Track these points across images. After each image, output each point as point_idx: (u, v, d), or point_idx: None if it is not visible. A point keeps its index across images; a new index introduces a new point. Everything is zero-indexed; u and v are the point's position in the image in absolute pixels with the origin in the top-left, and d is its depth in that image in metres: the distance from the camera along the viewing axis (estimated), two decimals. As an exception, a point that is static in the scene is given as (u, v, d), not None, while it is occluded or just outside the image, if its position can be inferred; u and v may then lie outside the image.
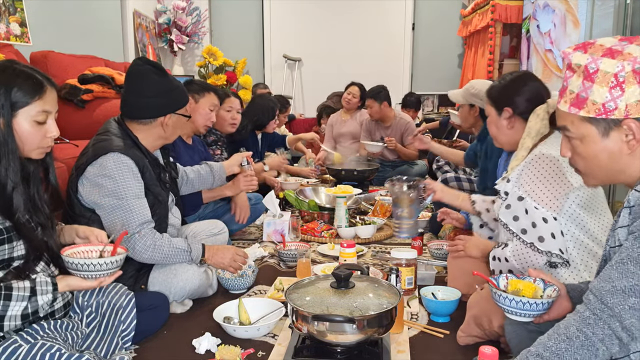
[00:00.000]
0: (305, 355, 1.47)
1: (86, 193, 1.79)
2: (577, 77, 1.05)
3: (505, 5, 4.99)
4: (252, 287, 2.17)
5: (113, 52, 4.63)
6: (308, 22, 6.37)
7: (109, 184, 1.76)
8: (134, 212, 1.78)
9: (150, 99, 1.91)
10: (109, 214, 1.77)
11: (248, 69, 6.31)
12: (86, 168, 1.78)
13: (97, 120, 2.87)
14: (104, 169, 1.77)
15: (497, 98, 1.83)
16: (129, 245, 1.78)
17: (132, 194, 1.79)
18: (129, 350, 1.58)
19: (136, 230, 1.78)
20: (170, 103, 1.95)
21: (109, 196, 1.76)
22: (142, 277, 1.88)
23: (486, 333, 1.59)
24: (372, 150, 4.43)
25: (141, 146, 1.91)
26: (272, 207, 2.81)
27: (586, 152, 1.07)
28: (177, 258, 1.87)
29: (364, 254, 2.62)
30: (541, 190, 1.57)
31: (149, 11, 5.59)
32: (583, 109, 1.03)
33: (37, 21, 3.38)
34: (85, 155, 1.83)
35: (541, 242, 1.53)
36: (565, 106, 1.07)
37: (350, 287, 1.45)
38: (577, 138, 1.07)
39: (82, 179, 1.79)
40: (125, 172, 1.78)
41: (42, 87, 1.33)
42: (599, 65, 1.01)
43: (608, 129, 1.02)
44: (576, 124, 1.06)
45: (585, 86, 1.03)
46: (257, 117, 3.66)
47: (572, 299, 1.23)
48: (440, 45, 6.26)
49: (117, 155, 1.78)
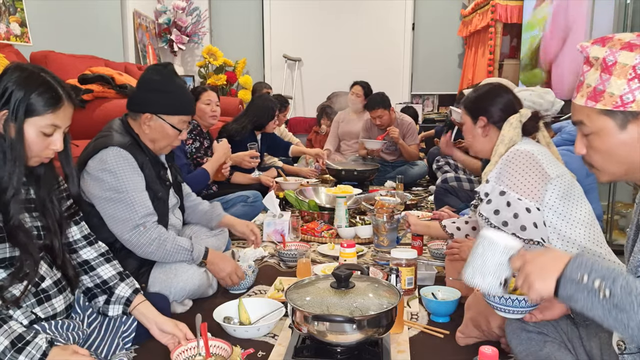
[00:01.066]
0: (305, 355, 1.47)
1: (87, 187, 1.80)
2: (595, 70, 1.04)
3: (505, 5, 4.99)
4: (252, 287, 2.17)
5: (113, 52, 4.63)
6: (308, 22, 6.37)
7: (109, 178, 1.77)
8: (136, 204, 1.78)
9: (143, 92, 1.93)
10: (110, 208, 1.78)
11: (248, 69, 6.31)
12: (87, 162, 1.80)
13: (97, 120, 2.87)
14: (104, 163, 1.77)
15: (473, 107, 1.92)
16: (132, 238, 1.79)
17: (133, 187, 1.79)
18: (129, 350, 1.58)
19: (140, 222, 1.79)
20: (159, 103, 1.90)
21: (110, 190, 1.77)
22: (142, 276, 1.88)
23: (485, 334, 1.59)
24: (372, 147, 4.42)
25: (141, 144, 1.91)
26: (272, 207, 2.81)
27: (603, 146, 1.05)
28: (178, 256, 1.87)
29: (364, 254, 2.62)
30: (522, 182, 1.64)
31: (149, 11, 5.60)
32: (600, 101, 1.02)
33: (37, 21, 3.38)
34: (86, 150, 1.84)
35: (523, 230, 1.58)
36: (581, 100, 1.06)
37: (350, 287, 1.44)
38: (593, 132, 1.06)
39: (83, 173, 1.81)
40: (125, 166, 1.79)
41: (59, 102, 1.31)
42: (617, 58, 1.00)
43: (625, 121, 1.01)
44: (592, 117, 1.05)
45: (603, 79, 1.02)
46: (257, 117, 3.67)
47: None
48: (440, 45, 6.26)
49: (117, 150, 1.79)
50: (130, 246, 1.82)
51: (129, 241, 1.80)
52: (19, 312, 1.30)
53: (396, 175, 3.97)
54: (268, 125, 3.76)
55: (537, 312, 1.22)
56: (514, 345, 1.36)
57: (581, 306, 0.95)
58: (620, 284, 0.91)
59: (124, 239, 1.81)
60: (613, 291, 0.91)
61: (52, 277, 1.39)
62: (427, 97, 6.38)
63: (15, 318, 1.27)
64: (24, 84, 1.27)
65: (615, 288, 0.91)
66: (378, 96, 4.34)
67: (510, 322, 1.37)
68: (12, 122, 1.26)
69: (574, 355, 1.28)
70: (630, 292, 0.90)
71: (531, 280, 1.00)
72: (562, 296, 0.97)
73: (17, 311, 1.30)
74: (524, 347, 1.32)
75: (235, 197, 2.96)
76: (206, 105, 3.18)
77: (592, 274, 0.93)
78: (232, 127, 3.56)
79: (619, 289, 0.90)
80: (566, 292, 0.96)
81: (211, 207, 2.31)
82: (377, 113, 4.29)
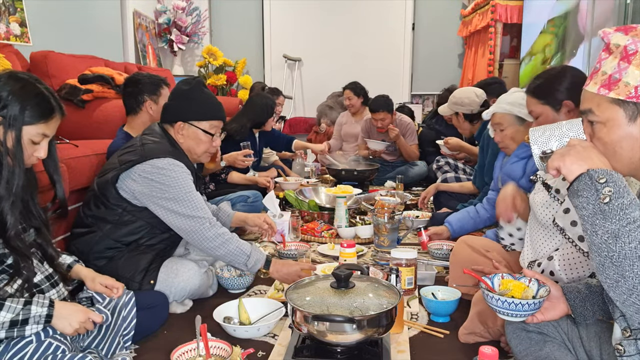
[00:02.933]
0: (305, 355, 1.47)
1: (137, 187, 1.85)
2: (614, 58, 1.01)
3: (505, 5, 4.99)
4: (252, 287, 2.17)
5: (113, 52, 4.63)
6: (308, 22, 6.37)
7: (169, 181, 1.83)
8: (200, 202, 1.86)
9: (174, 102, 2.01)
10: (175, 205, 1.83)
11: (248, 69, 6.31)
12: (134, 165, 1.85)
13: (97, 120, 2.87)
14: (160, 169, 1.84)
15: (553, 93, 1.71)
16: (200, 229, 1.83)
17: (193, 189, 1.88)
18: (129, 349, 1.58)
19: (207, 217, 1.85)
20: (189, 110, 1.98)
21: (174, 189, 1.83)
22: (152, 272, 1.88)
23: (489, 331, 1.58)
24: (374, 147, 4.42)
25: (183, 151, 1.99)
26: (272, 207, 2.81)
27: (609, 136, 1.02)
28: (236, 259, 1.90)
29: (364, 254, 2.62)
30: None
31: (149, 11, 5.59)
32: (613, 90, 0.99)
33: (37, 21, 3.38)
34: (135, 153, 1.88)
35: None
36: (594, 87, 1.03)
37: (350, 287, 1.44)
38: (601, 122, 1.03)
39: (131, 172, 1.85)
40: (180, 171, 1.86)
41: (52, 114, 1.36)
42: (639, 47, 0.98)
43: (636, 113, 0.98)
44: (603, 106, 1.02)
45: (621, 67, 0.99)
46: (256, 115, 3.67)
47: (569, 301, 1.21)
48: (440, 45, 6.25)
49: (171, 160, 1.87)
50: (195, 238, 1.85)
51: (196, 232, 1.84)
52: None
53: (396, 175, 3.97)
54: (267, 123, 3.76)
55: (539, 313, 1.21)
56: (513, 345, 1.36)
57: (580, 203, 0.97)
58: (623, 202, 0.92)
59: (190, 230, 1.84)
60: (613, 202, 0.93)
61: (43, 272, 1.42)
62: (427, 97, 6.37)
63: None
64: (19, 94, 1.30)
65: (615, 200, 0.93)
66: (382, 99, 4.29)
67: (511, 322, 1.36)
68: (9, 130, 1.29)
69: (573, 355, 1.28)
70: (625, 211, 0.92)
71: (567, 161, 1.01)
72: (573, 189, 0.99)
73: None
74: (524, 347, 1.32)
75: (235, 197, 2.96)
76: None
77: (610, 181, 0.94)
78: (231, 127, 3.56)
79: (616, 204, 0.93)
80: (577, 192, 0.98)
81: (220, 208, 2.33)
82: (379, 116, 4.27)
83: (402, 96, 6.33)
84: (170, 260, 1.96)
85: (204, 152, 2.03)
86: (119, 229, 1.88)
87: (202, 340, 1.49)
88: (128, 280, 1.80)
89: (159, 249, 1.95)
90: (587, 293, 1.22)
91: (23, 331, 1.25)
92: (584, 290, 1.23)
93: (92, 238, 1.88)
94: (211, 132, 2.00)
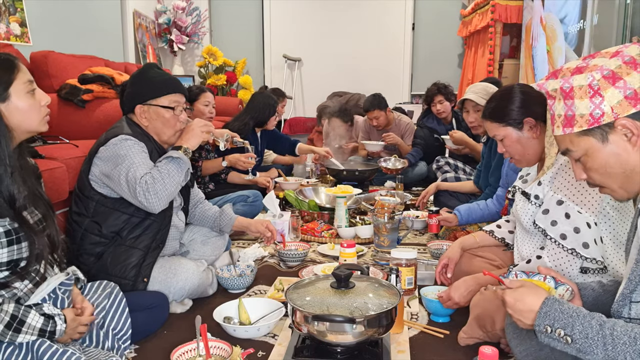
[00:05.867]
0: (305, 355, 1.47)
1: (98, 170, 1.86)
2: (558, 101, 1.12)
3: (505, 5, 4.99)
4: (252, 287, 2.17)
5: (113, 52, 4.63)
6: (308, 22, 6.37)
7: (119, 152, 1.82)
8: (137, 163, 1.80)
9: (128, 90, 2.00)
10: (117, 176, 1.81)
11: (248, 69, 6.31)
12: (98, 149, 1.87)
13: (97, 120, 2.87)
14: (114, 146, 1.84)
15: (509, 114, 1.72)
16: (139, 193, 1.76)
17: (138, 152, 1.84)
18: (128, 350, 1.58)
19: (140, 178, 1.78)
20: (143, 90, 1.96)
21: (117, 158, 1.81)
22: (145, 269, 1.86)
23: (489, 335, 1.58)
24: (372, 149, 4.42)
25: (149, 135, 1.97)
26: (272, 207, 2.81)
27: (595, 162, 1.09)
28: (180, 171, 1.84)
29: (364, 254, 2.62)
30: (581, 193, 1.52)
31: (149, 11, 5.59)
32: (575, 125, 1.09)
33: (37, 21, 3.38)
34: (97, 142, 1.91)
35: (586, 248, 1.49)
36: (559, 130, 1.13)
37: (350, 287, 1.44)
38: (582, 155, 1.11)
39: (95, 159, 1.87)
40: (134, 146, 1.85)
41: (14, 63, 1.35)
42: (572, 83, 1.08)
43: (605, 134, 1.06)
44: (575, 141, 1.10)
45: (568, 105, 1.09)
46: (258, 113, 3.66)
47: (583, 298, 1.25)
48: (440, 45, 6.25)
49: (128, 137, 1.87)
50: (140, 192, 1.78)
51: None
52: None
53: (396, 175, 3.97)
54: (269, 122, 3.76)
55: None
56: (513, 345, 1.36)
57: (560, 349, 1.08)
58: (578, 329, 1.04)
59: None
60: (574, 338, 1.04)
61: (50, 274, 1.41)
62: (427, 97, 6.37)
63: None
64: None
65: (574, 334, 1.04)
66: (373, 97, 4.32)
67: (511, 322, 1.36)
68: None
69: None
70: (587, 335, 1.02)
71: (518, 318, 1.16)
72: (543, 342, 1.11)
73: None
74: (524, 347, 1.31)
75: (235, 197, 2.96)
76: (204, 106, 3.28)
77: (555, 324, 1.07)
78: (233, 126, 3.55)
79: (577, 334, 1.04)
80: (543, 341, 1.10)
81: (221, 211, 2.29)
82: (373, 114, 4.30)
83: (402, 96, 6.33)
84: (167, 259, 1.95)
85: (174, 131, 1.97)
86: (98, 222, 1.87)
87: (202, 340, 1.49)
88: (120, 279, 1.78)
89: (146, 244, 1.89)
90: (601, 292, 1.27)
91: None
92: (598, 289, 1.28)
93: (75, 235, 1.88)
94: (171, 107, 1.95)
